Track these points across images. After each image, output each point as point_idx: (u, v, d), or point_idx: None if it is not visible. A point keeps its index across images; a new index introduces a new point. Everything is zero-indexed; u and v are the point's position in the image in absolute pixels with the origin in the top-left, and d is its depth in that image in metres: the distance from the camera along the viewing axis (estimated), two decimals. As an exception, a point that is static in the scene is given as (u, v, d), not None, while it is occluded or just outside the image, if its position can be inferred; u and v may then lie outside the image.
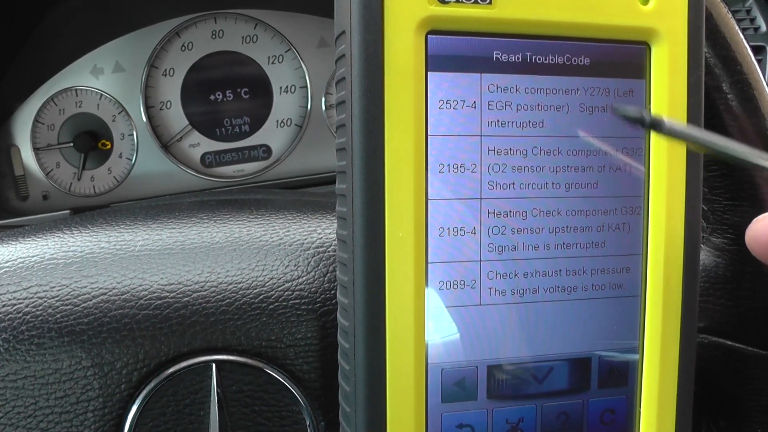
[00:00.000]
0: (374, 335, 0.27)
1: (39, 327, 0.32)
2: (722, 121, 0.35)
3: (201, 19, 0.75)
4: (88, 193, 0.76)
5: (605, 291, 0.30)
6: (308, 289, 0.34)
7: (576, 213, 0.29)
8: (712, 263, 0.36)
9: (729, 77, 0.34)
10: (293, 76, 0.78)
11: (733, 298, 0.35)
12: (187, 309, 0.33)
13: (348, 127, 0.27)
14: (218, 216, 0.37)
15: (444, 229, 0.28)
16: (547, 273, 0.29)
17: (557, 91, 0.29)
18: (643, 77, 0.30)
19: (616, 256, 0.30)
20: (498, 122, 0.28)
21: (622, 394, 0.31)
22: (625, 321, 0.30)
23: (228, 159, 0.78)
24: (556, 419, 0.30)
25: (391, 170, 0.27)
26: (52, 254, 0.34)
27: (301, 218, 0.37)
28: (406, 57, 0.27)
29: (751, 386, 0.35)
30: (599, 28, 0.29)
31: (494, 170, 0.28)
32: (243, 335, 0.33)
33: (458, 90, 0.28)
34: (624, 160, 0.30)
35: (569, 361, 0.30)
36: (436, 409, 0.28)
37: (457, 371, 0.29)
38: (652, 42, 0.30)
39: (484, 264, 0.28)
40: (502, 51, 0.28)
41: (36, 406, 0.32)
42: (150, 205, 0.41)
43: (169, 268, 0.34)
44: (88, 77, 0.74)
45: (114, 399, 0.32)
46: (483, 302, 0.28)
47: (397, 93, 0.27)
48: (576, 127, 0.29)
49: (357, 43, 0.27)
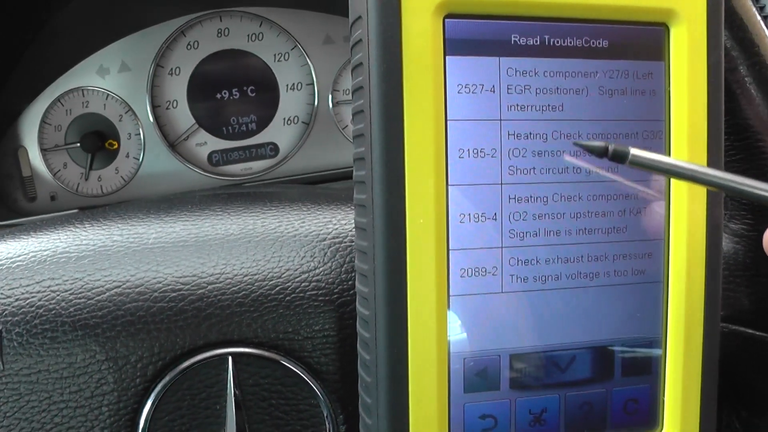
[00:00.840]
0: (396, 325, 0.27)
1: (52, 321, 0.32)
2: (738, 104, 0.34)
3: (206, 18, 0.75)
4: (96, 193, 0.76)
5: (627, 277, 0.29)
6: (325, 280, 0.34)
7: (597, 198, 0.29)
8: (731, 249, 0.36)
9: (746, 59, 0.34)
10: (299, 73, 0.77)
11: (752, 284, 0.35)
12: (202, 301, 0.32)
13: (366, 113, 0.27)
14: (231, 208, 0.37)
15: (465, 215, 0.27)
16: (569, 259, 0.29)
17: (576, 74, 0.28)
18: (662, 59, 0.29)
19: (638, 242, 0.29)
20: (518, 106, 0.28)
21: (645, 383, 0.30)
22: (648, 308, 0.30)
23: (235, 157, 0.77)
24: (579, 409, 0.30)
25: (410, 156, 0.26)
26: (64, 248, 0.34)
27: (316, 209, 0.37)
28: (424, 41, 0.26)
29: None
30: (618, 10, 0.29)
31: (514, 155, 0.28)
32: (259, 327, 0.33)
33: (477, 74, 0.27)
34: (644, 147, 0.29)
35: (592, 349, 0.29)
36: (458, 400, 0.28)
37: (479, 360, 0.28)
38: (670, 23, 0.29)
39: (506, 250, 0.28)
40: (520, 34, 0.28)
41: (50, 401, 0.32)
42: (162, 199, 0.40)
43: (184, 261, 0.33)
44: (94, 77, 0.74)
45: (129, 393, 0.32)
46: (505, 289, 0.28)
47: (416, 78, 0.26)
48: (595, 110, 0.29)
49: (374, 27, 0.26)
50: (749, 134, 0.34)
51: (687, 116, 0.29)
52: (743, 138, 0.34)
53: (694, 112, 0.29)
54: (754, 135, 0.34)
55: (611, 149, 0.25)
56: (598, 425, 0.30)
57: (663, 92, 0.30)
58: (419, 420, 0.27)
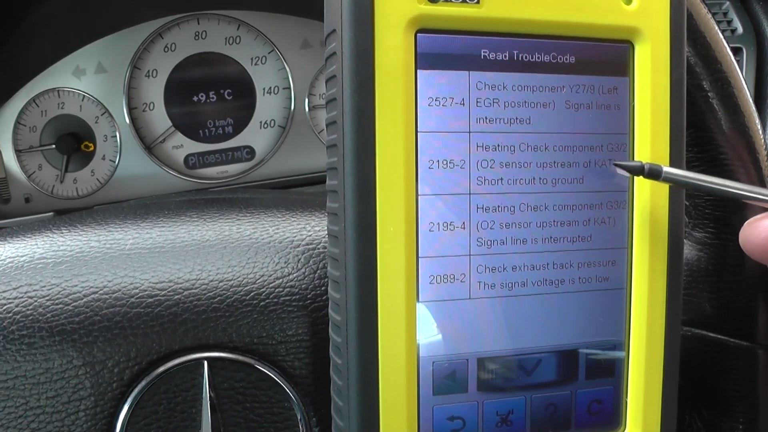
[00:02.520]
0: (366, 329, 0.28)
1: (30, 326, 0.32)
2: (703, 118, 0.35)
3: (184, 20, 0.75)
4: (71, 195, 0.76)
5: (592, 284, 0.30)
6: (299, 286, 0.34)
7: (563, 207, 0.30)
8: (694, 257, 0.37)
9: (709, 75, 0.35)
10: (276, 77, 0.78)
11: (715, 290, 0.36)
12: (178, 306, 0.33)
13: (339, 124, 0.27)
14: (207, 214, 0.37)
15: (434, 224, 0.28)
16: (535, 266, 0.30)
17: (543, 89, 0.29)
18: (626, 75, 0.30)
19: (602, 250, 0.30)
20: (486, 119, 0.29)
21: (609, 385, 0.31)
22: (612, 313, 0.31)
23: (211, 160, 0.78)
24: (544, 410, 0.30)
25: (381, 166, 0.27)
26: (41, 254, 0.34)
27: (290, 216, 0.37)
28: (396, 55, 0.27)
29: (732, 377, 0.36)
30: (584, 27, 0.29)
31: (483, 166, 0.29)
32: (234, 332, 0.33)
33: (447, 87, 0.28)
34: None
35: (557, 353, 0.30)
36: (427, 402, 0.29)
37: (447, 364, 0.29)
38: (635, 40, 0.30)
39: (474, 258, 0.29)
40: (489, 49, 0.29)
41: (27, 406, 0.32)
42: (138, 204, 0.41)
43: (160, 266, 0.34)
44: (70, 78, 0.74)
45: (106, 398, 0.32)
46: (473, 296, 0.29)
47: (388, 90, 0.27)
48: (562, 123, 0.30)
49: (348, 41, 0.27)
50: (712, 147, 0.35)
51: (650, 130, 0.30)
52: (706, 150, 0.35)
53: (656, 126, 0.30)
54: (716, 148, 0.35)
55: (647, 168, 0.28)
56: (563, 426, 0.31)
57: (627, 106, 0.31)
58: (389, 422, 0.28)
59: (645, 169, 0.28)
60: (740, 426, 0.36)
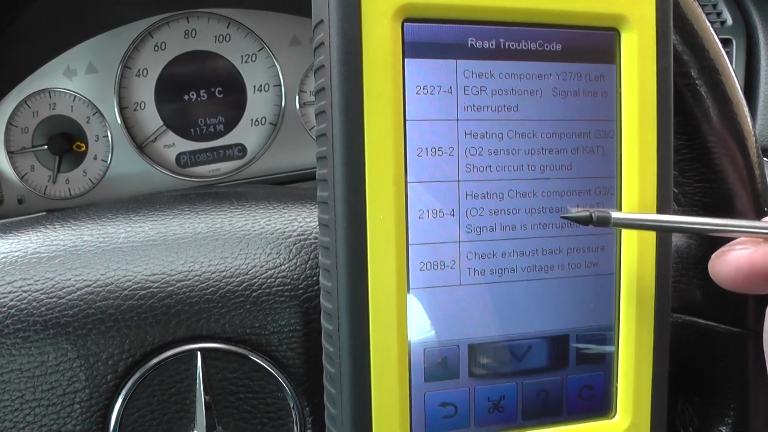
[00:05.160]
0: (358, 317, 0.28)
1: (24, 320, 0.32)
2: (690, 106, 0.36)
3: (173, 19, 0.76)
4: (64, 195, 0.76)
5: (581, 269, 0.31)
6: (290, 276, 0.35)
7: (551, 194, 0.30)
8: (684, 245, 0.37)
9: (697, 63, 0.35)
10: (267, 74, 0.78)
11: (705, 277, 0.36)
12: (171, 298, 0.33)
13: (328, 113, 0.28)
14: (199, 207, 0.38)
15: (424, 211, 0.29)
16: (525, 253, 0.30)
17: (531, 76, 0.30)
18: (613, 62, 0.31)
19: (591, 236, 0.31)
20: (474, 107, 0.29)
21: (599, 370, 0.31)
22: (601, 299, 0.31)
23: (203, 159, 0.78)
24: (536, 396, 0.31)
25: (370, 155, 0.27)
26: (35, 248, 0.34)
27: (281, 208, 0.38)
28: (384, 44, 0.27)
29: (723, 363, 0.36)
30: (570, 15, 0.30)
31: (471, 153, 0.29)
32: (227, 323, 0.33)
33: (435, 76, 0.28)
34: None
35: (547, 339, 0.31)
36: (419, 388, 0.29)
37: (438, 350, 0.29)
38: (621, 28, 0.31)
39: (464, 245, 0.29)
40: (476, 38, 0.29)
41: (22, 400, 0.32)
42: (130, 199, 0.41)
43: (153, 259, 0.34)
44: (61, 79, 0.74)
45: (100, 390, 0.33)
46: (463, 282, 0.29)
47: (376, 79, 0.27)
48: (549, 110, 0.30)
49: (335, 31, 0.27)
50: (700, 135, 0.36)
51: (637, 116, 0.31)
52: (694, 138, 0.36)
53: (644, 113, 0.31)
54: (704, 135, 0.35)
55: (595, 217, 0.28)
56: (554, 411, 0.31)
57: (614, 94, 0.31)
58: (381, 408, 0.28)
59: (593, 218, 0.28)
60: (731, 412, 0.37)
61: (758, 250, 0.28)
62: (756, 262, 0.28)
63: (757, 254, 0.28)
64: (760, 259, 0.28)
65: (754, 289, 0.29)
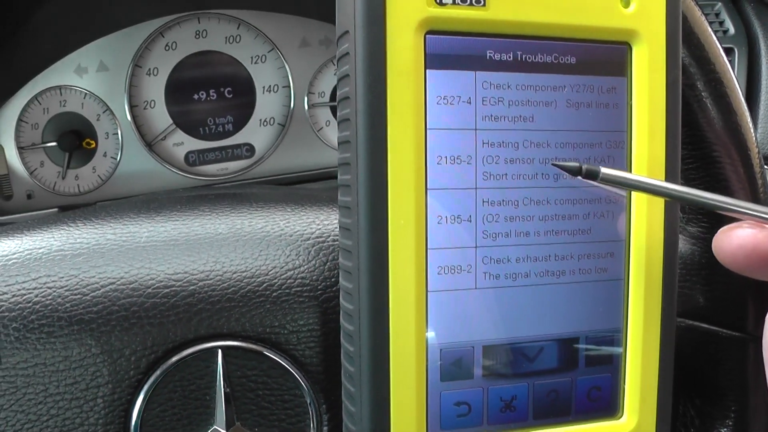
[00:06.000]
0: (378, 318, 0.29)
1: (49, 316, 0.33)
2: (696, 117, 0.36)
3: (184, 19, 0.76)
4: (73, 192, 0.77)
5: (591, 275, 0.32)
6: (309, 277, 0.35)
7: (563, 202, 0.31)
8: (688, 251, 0.38)
9: (703, 76, 0.36)
10: (276, 75, 0.79)
11: (708, 283, 0.37)
12: (193, 297, 0.34)
13: (352, 121, 0.29)
14: (219, 209, 0.38)
15: (442, 217, 0.30)
16: (538, 258, 0.31)
17: (546, 88, 0.31)
18: (624, 75, 0.32)
19: (601, 242, 0.32)
20: (492, 117, 0.30)
21: (607, 372, 0.33)
22: (610, 303, 0.32)
23: (211, 158, 0.79)
24: (546, 396, 0.32)
25: (393, 162, 0.28)
26: (59, 246, 0.35)
27: (300, 211, 0.38)
28: (407, 55, 0.28)
29: (725, 366, 0.37)
30: (584, 29, 0.31)
31: (488, 162, 0.30)
32: (247, 322, 0.34)
33: (455, 87, 0.29)
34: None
35: (558, 341, 0.32)
36: (435, 388, 0.30)
37: (454, 351, 0.30)
38: (633, 42, 0.32)
39: (480, 250, 0.30)
40: (495, 50, 0.30)
41: (46, 393, 0.33)
42: (151, 199, 0.42)
43: (175, 258, 0.35)
44: (72, 76, 0.75)
45: (123, 385, 0.33)
46: (479, 286, 0.30)
47: (399, 89, 0.28)
48: (563, 121, 0.31)
49: (361, 42, 0.28)
50: (705, 145, 0.36)
51: (647, 128, 0.32)
52: (700, 148, 0.36)
53: (653, 124, 0.32)
54: (709, 146, 0.36)
55: (584, 168, 0.28)
56: (563, 412, 0.32)
57: (625, 106, 0.32)
58: (399, 406, 0.29)
59: (582, 170, 0.29)
60: (732, 414, 0.37)
61: (762, 231, 0.29)
62: (759, 243, 0.29)
63: (761, 235, 0.29)
64: (764, 240, 0.29)
65: (752, 271, 0.30)
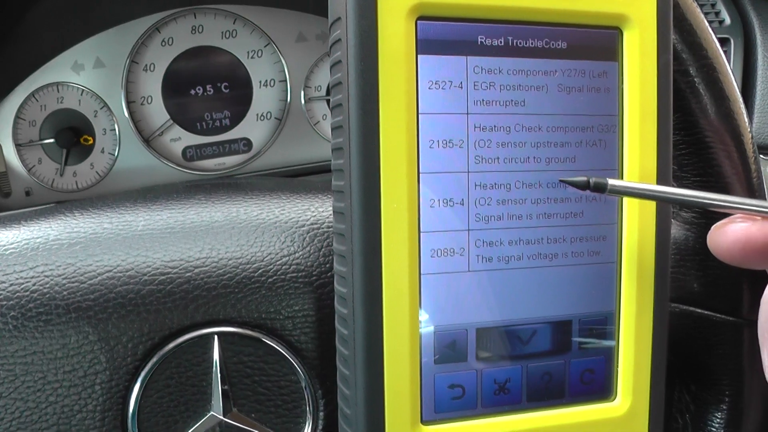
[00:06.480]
0: (372, 301, 0.29)
1: (46, 304, 0.33)
2: (689, 102, 0.37)
3: (181, 15, 0.77)
4: (71, 188, 0.77)
5: (583, 258, 0.32)
6: (304, 263, 0.36)
7: (556, 185, 0.31)
8: (682, 236, 0.38)
9: (695, 61, 0.37)
10: (272, 70, 0.79)
11: (702, 268, 0.38)
12: (189, 284, 0.34)
13: (344, 106, 0.29)
14: (215, 197, 0.39)
15: (435, 200, 0.30)
16: (530, 241, 0.31)
17: (537, 72, 0.31)
18: (616, 60, 0.32)
19: (594, 225, 0.32)
20: (483, 101, 0.30)
21: (600, 354, 0.33)
22: (603, 286, 0.32)
23: (209, 153, 0.79)
24: (540, 379, 0.32)
25: (385, 146, 0.29)
26: (56, 235, 0.35)
27: (294, 198, 0.39)
28: (398, 41, 0.29)
29: (719, 351, 0.37)
30: (575, 14, 0.31)
31: (480, 146, 0.30)
32: (243, 308, 0.35)
33: (446, 71, 0.30)
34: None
35: (551, 324, 0.32)
36: (429, 370, 0.30)
37: (448, 334, 0.31)
38: (624, 27, 0.32)
39: (472, 233, 0.30)
40: (486, 35, 0.30)
41: (44, 381, 0.33)
42: (147, 189, 0.42)
43: (171, 246, 0.35)
44: (69, 73, 0.75)
45: (120, 372, 0.34)
46: (471, 269, 0.30)
47: (391, 74, 0.29)
48: (554, 105, 0.31)
49: (352, 28, 0.28)
50: (698, 130, 0.37)
51: (639, 112, 0.32)
52: (693, 134, 0.37)
53: (645, 109, 0.32)
54: (702, 131, 0.37)
55: (592, 182, 0.29)
56: (557, 394, 0.32)
57: (617, 90, 0.32)
58: (394, 389, 0.30)
59: (591, 183, 0.29)
60: (726, 399, 0.38)
61: (755, 224, 0.30)
62: (752, 236, 0.30)
63: (753, 228, 0.30)
64: (757, 233, 0.29)
65: (748, 263, 0.30)
